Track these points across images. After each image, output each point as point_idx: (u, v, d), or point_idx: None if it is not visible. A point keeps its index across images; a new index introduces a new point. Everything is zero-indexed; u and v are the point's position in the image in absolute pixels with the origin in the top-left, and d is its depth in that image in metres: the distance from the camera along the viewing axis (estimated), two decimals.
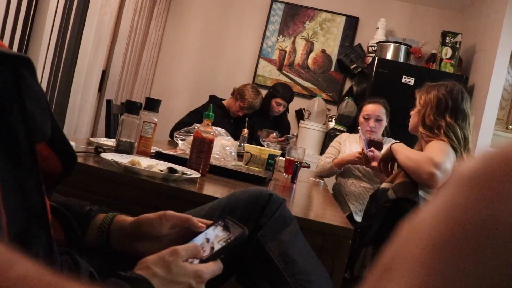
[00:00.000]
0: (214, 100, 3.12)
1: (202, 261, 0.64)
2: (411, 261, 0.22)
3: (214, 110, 1.50)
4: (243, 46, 3.93)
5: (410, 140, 1.87)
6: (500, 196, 0.20)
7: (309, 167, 2.61)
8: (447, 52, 3.18)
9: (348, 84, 3.87)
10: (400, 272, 0.22)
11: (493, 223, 0.20)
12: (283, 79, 3.88)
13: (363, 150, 2.15)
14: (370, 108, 2.41)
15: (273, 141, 2.62)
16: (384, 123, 2.42)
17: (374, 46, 3.53)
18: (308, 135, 3.52)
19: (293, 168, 1.84)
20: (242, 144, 2.37)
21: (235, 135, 2.43)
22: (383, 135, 2.51)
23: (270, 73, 3.91)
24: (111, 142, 1.67)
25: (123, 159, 1.27)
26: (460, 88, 1.68)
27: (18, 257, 0.31)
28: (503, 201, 0.20)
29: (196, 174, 1.29)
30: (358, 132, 2.51)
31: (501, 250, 0.20)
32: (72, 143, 1.29)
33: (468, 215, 0.21)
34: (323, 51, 3.88)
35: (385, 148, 1.77)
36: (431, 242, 0.21)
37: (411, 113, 1.80)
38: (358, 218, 2.31)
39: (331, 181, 2.66)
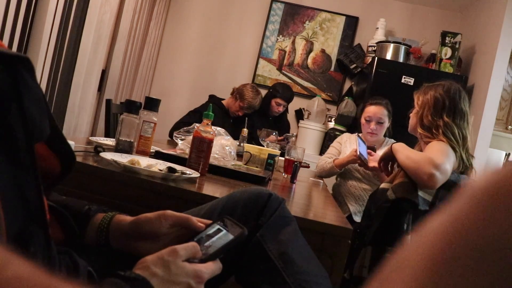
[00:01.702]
0: (213, 100, 3.12)
1: (201, 261, 0.64)
2: (409, 274, 0.21)
3: (213, 109, 1.50)
4: (242, 45, 3.93)
5: (410, 141, 1.86)
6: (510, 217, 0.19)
7: (308, 167, 2.60)
8: (447, 52, 3.18)
9: (347, 84, 3.87)
10: (397, 284, 0.21)
11: (499, 246, 0.19)
12: (283, 79, 3.88)
13: (355, 150, 2.15)
14: (372, 110, 2.39)
15: (272, 140, 2.62)
16: (386, 125, 2.40)
17: (374, 46, 3.53)
18: (307, 135, 3.52)
19: (293, 168, 1.84)
20: (242, 144, 2.37)
21: (235, 135, 2.43)
22: (385, 135, 2.50)
23: (269, 73, 3.91)
24: (110, 141, 1.67)
25: (123, 158, 1.27)
26: (457, 87, 1.68)
27: (11, 258, 0.31)
28: None
29: (195, 174, 1.29)
30: (359, 132, 2.51)
31: (505, 274, 0.18)
32: (72, 143, 1.29)
33: (474, 234, 0.20)
34: (322, 51, 3.88)
35: (386, 147, 1.77)
36: (432, 257, 0.21)
37: (410, 114, 1.80)
38: (358, 219, 2.31)
39: (330, 181, 2.66)
